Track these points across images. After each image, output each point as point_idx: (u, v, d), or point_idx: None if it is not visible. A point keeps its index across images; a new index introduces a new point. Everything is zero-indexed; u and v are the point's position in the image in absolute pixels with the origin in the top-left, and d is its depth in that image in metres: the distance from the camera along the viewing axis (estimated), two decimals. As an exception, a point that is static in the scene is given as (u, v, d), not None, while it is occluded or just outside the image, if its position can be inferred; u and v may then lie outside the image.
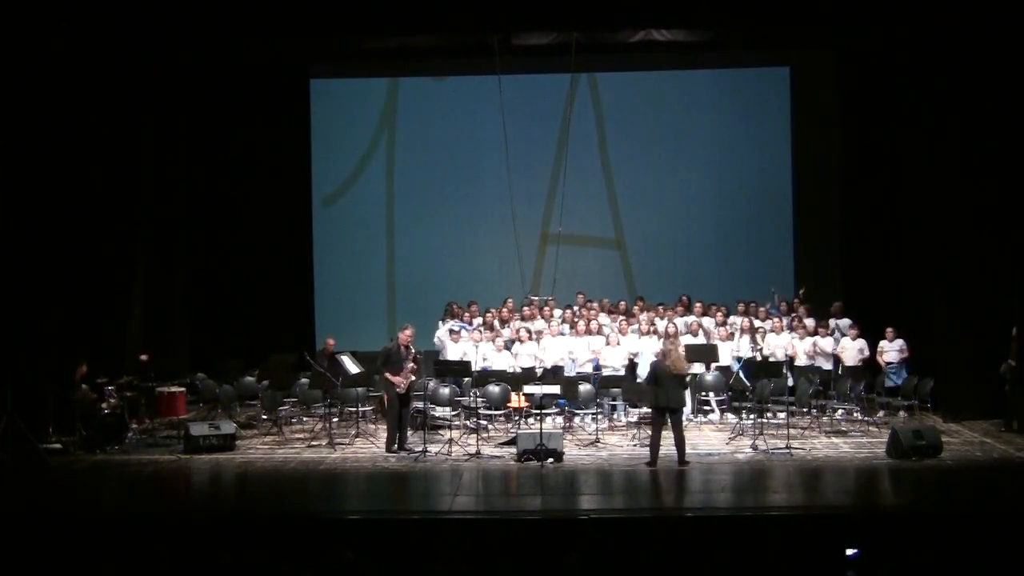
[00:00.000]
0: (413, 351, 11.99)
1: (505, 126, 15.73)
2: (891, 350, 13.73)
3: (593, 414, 12.83)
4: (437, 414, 12.84)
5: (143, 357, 13.75)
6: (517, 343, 13.70)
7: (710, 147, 16.88)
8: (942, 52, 13.42)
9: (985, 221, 13.27)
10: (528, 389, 12.43)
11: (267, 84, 16.68)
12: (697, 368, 13.19)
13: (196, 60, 15.59)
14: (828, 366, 13.66)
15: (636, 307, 14.86)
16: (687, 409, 12.91)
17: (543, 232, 16.87)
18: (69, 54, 12.76)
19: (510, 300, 15.06)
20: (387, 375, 11.79)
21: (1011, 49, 12.68)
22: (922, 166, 14.20)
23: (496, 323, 14.22)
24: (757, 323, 14.12)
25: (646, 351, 13.48)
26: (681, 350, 11.39)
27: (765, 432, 11.85)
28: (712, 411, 13.59)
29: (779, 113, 16.83)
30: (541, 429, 11.31)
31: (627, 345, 13.70)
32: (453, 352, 13.49)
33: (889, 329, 13.82)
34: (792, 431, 11.90)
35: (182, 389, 14.00)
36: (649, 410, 12.67)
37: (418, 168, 17.22)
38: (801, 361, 13.59)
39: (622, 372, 13.41)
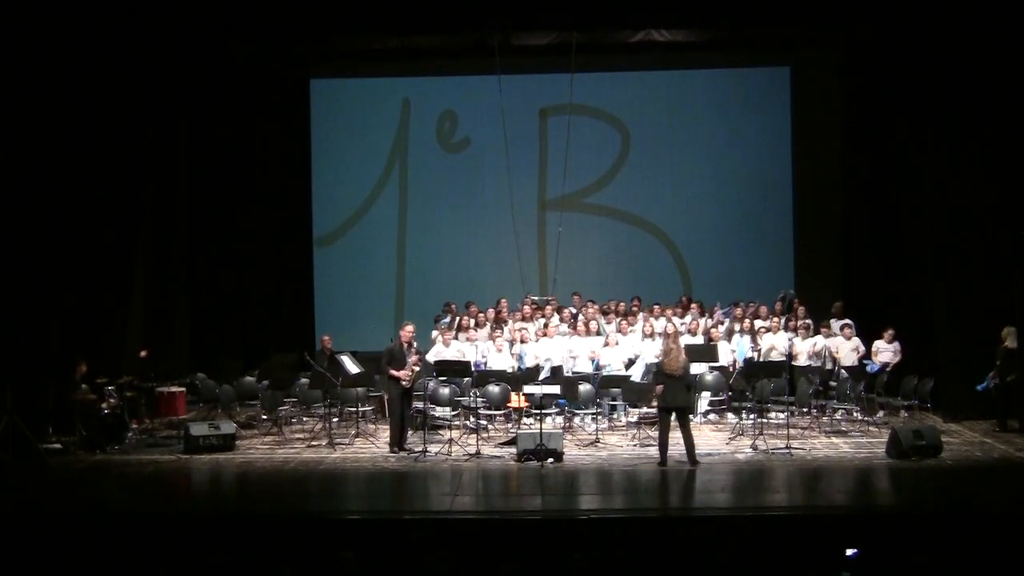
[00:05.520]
0: (415, 346, 12.03)
1: (505, 126, 15.73)
2: (886, 350, 13.72)
3: (593, 414, 12.83)
4: (437, 414, 12.84)
5: (143, 353, 13.74)
6: (518, 343, 13.71)
7: (710, 147, 16.90)
8: (942, 51, 13.42)
9: (985, 220, 13.28)
10: (528, 389, 12.43)
11: (268, 84, 16.69)
12: (696, 368, 13.16)
13: (199, 59, 15.59)
14: (828, 366, 13.66)
15: (634, 306, 14.86)
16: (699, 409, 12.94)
17: (543, 232, 16.89)
18: (68, 54, 12.76)
19: (504, 300, 15.06)
20: (391, 371, 11.80)
21: (1011, 49, 12.69)
22: (922, 166, 14.20)
23: (507, 323, 14.25)
24: (758, 323, 14.12)
25: (646, 352, 13.49)
26: (680, 350, 11.36)
27: (765, 432, 11.85)
28: (710, 411, 13.56)
29: (779, 113, 16.85)
30: (541, 429, 11.31)
31: (627, 346, 13.69)
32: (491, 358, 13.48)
33: (888, 331, 13.81)
34: (792, 431, 11.90)
35: (182, 389, 14.01)
36: (649, 410, 12.74)
37: (419, 168, 17.23)
38: (802, 361, 13.59)
39: (623, 372, 13.39)
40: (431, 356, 13.25)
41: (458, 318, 14.24)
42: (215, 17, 13.88)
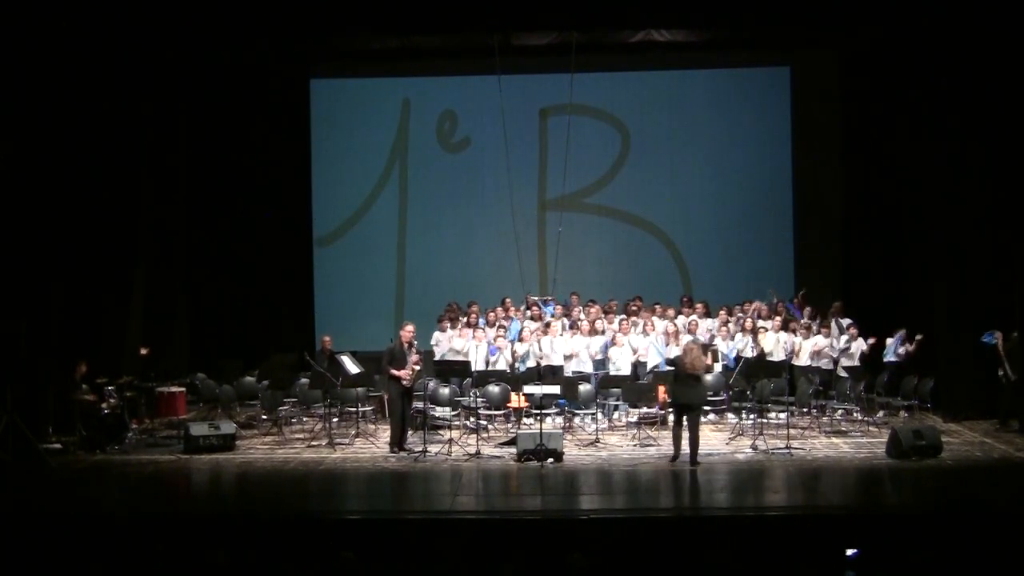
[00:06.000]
0: (416, 346, 12.05)
1: (505, 126, 15.73)
2: (900, 348, 13.73)
3: (593, 414, 12.82)
4: (437, 414, 12.84)
5: (144, 351, 13.73)
6: (520, 342, 13.69)
7: (710, 147, 16.88)
8: (942, 52, 13.42)
9: (985, 220, 13.29)
10: (528, 389, 12.42)
11: (267, 83, 16.68)
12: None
13: (199, 59, 15.57)
14: (828, 366, 13.65)
15: (635, 306, 14.85)
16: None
17: (543, 232, 16.89)
18: (68, 54, 12.76)
19: (508, 299, 15.07)
20: (391, 371, 11.80)
21: (1011, 49, 12.69)
22: (922, 166, 14.21)
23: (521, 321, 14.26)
24: (759, 323, 14.12)
25: (649, 350, 13.49)
26: (700, 350, 11.35)
27: (765, 432, 11.85)
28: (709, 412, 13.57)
29: (779, 113, 16.83)
30: (541, 429, 11.31)
31: (631, 345, 13.68)
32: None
33: (900, 332, 13.79)
34: (792, 431, 11.91)
35: (182, 389, 14.00)
36: (649, 410, 12.74)
37: (419, 168, 17.22)
38: (803, 361, 13.58)
39: (628, 372, 13.39)
40: (452, 347, 13.50)
41: (467, 316, 14.23)
42: (215, 17, 13.87)
